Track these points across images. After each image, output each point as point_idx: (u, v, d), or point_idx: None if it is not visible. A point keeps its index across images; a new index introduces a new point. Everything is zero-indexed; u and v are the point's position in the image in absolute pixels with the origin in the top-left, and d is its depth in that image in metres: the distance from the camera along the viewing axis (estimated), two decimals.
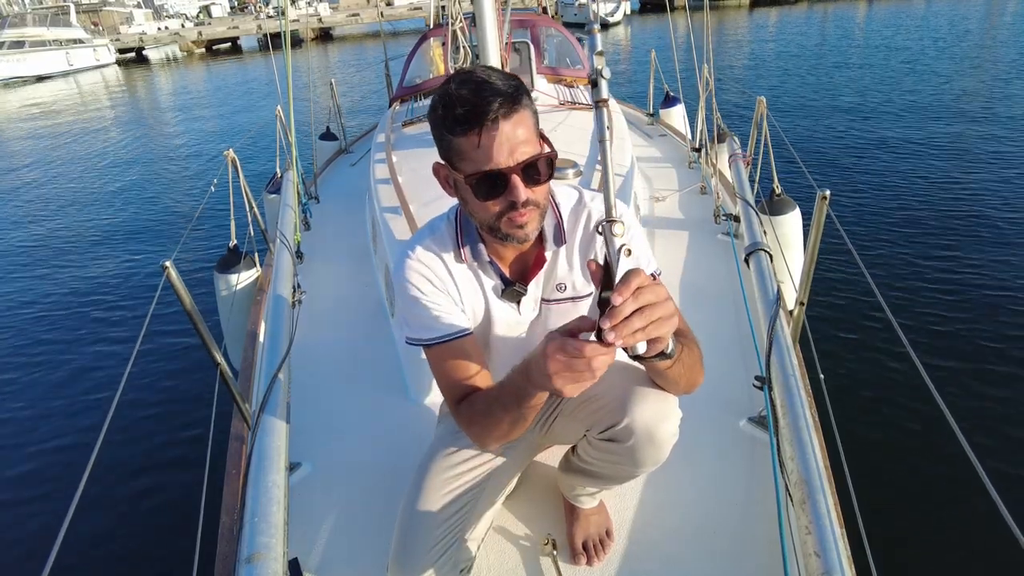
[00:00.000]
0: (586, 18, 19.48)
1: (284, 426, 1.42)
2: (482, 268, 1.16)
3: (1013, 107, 7.96)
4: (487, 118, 0.94)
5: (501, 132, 0.95)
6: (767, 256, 2.09)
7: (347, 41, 31.20)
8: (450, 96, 0.96)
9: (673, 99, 4.87)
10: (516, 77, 1.01)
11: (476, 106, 0.94)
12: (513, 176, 0.98)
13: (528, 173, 0.99)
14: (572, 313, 1.20)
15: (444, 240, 1.16)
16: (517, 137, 0.96)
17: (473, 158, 0.97)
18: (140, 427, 3.36)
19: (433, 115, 1.00)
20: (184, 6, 50.81)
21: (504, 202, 1.00)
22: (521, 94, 0.98)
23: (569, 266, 1.18)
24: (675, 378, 1.03)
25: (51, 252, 6.31)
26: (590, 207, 1.17)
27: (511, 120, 0.95)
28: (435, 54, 4.37)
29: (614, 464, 1.17)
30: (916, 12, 20.01)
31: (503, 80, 0.97)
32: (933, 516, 2.38)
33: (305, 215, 3.36)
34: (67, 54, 27.86)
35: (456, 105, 0.95)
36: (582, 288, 1.19)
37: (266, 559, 1.06)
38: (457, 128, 0.96)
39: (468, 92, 0.95)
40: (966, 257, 4.26)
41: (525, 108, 0.98)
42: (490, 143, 0.95)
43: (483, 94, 0.94)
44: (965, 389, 3.00)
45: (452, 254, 1.15)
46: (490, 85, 0.95)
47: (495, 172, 0.97)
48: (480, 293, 1.18)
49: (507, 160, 0.96)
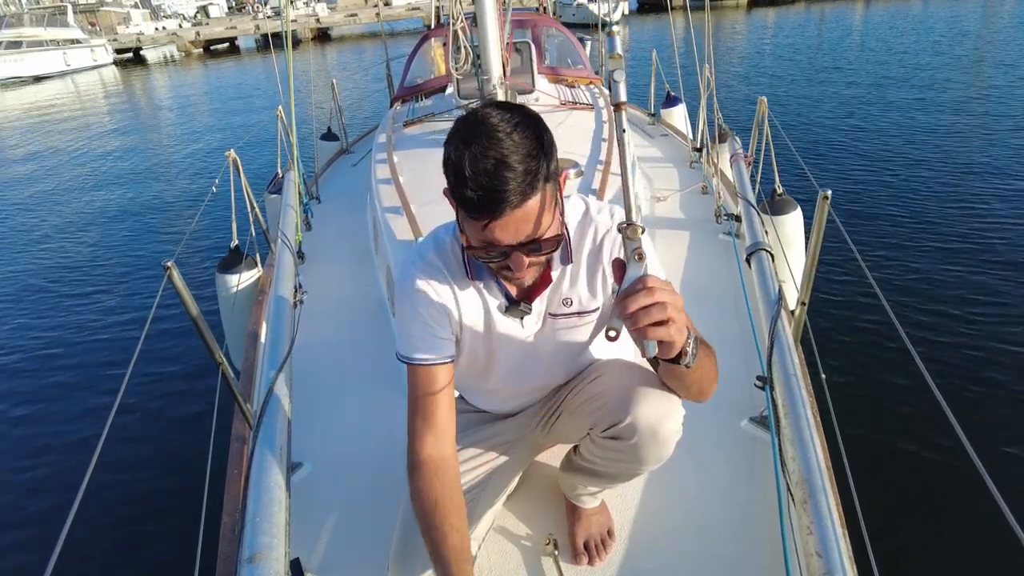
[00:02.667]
0: (585, 18, 19.48)
1: (285, 426, 1.42)
2: (487, 288, 1.15)
3: (1012, 107, 7.95)
4: (498, 214, 0.89)
5: (510, 223, 0.91)
6: (768, 256, 2.09)
7: (345, 41, 31.18)
8: (464, 172, 0.88)
9: (674, 99, 4.87)
10: (540, 136, 0.92)
11: (490, 193, 0.88)
12: (515, 253, 0.95)
13: (532, 248, 0.96)
14: (578, 327, 1.20)
15: (449, 258, 1.14)
16: (526, 220, 0.92)
17: (477, 236, 0.95)
18: (142, 427, 3.36)
19: (446, 168, 0.94)
20: (182, 6, 50.81)
21: (504, 264, 0.99)
22: (538, 177, 0.90)
23: (575, 282, 1.16)
24: (689, 384, 1.04)
25: (52, 252, 6.32)
26: (596, 221, 1.14)
27: (523, 208, 0.90)
28: (436, 54, 4.37)
29: (617, 462, 1.17)
30: (913, 13, 19.99)
31: (523, 159, 0.89)
32: (935, 516, 2.38)
33: (306, 215, 3.36)
34: (64, 54, 27.85)
35: (468, 186, 0.89)
36: (588, 303, 1.17)
37: (267, 559, 1.06)
38: (463, 207, 0.92)
39: (484, 175, 0.87)
40: (967, 256, 4.25)
41: (541, 190, 0.92)
42: (496, 231, 0.92)
43: (498, 183, 0.87)
44: (967, 389, 3.00)
45: (457, 271, 1.14)
46: (507, 166, 0.87)
47: (496, 248, 0.95)
48: (483, 309, 1.16)
49: (511, 239, 0.93)
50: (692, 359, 0.94)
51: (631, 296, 0.83)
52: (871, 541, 1.13)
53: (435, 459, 1.11)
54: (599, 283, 1.16)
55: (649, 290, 0.83)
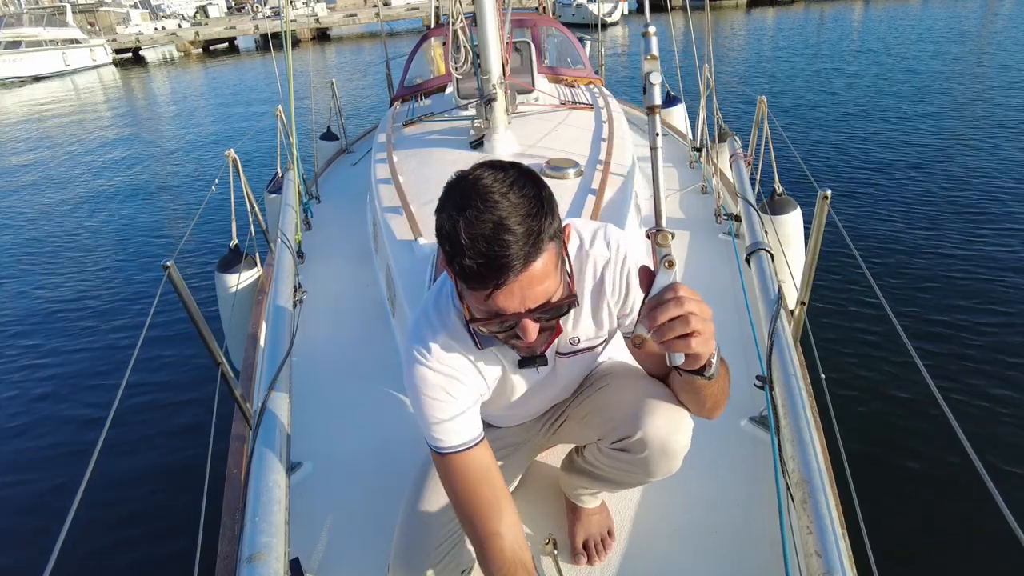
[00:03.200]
0: (584, 18, 19.49)
1: (285, 426, 1.42)
2: (500, 351, 1.09)
3: (1011, 106, 7.95)
4: (502, 278, 0.82)
5: (515, 290, 0.83)
6: (768, 256, 2.09)
7: (344, 41, 31.18)
8: (460, 239, 0.81)
9: (674, 99, 4.87)
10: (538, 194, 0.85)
11: (490, 260, 0.80)
12: (524, 320, 0.88)
13: (541, 313, 0.88)
14: (586, 359, 1.19)
15: (458, 333, 1.05)
16: (533, 284, 0.84)
17: (479, 307, 0.87)
18: (141, 427, 3.36)
19: (440, 235, 0.86)
20: (181, 6, 50.72)
21: (512, 334, 0.92)
22: (541, 237, 0.83)
23: (579, 321, 1.12)
24: (705, 398, 1.02)
25: (52, 253, 6.31)
26: (593, 255, 1.07)
27: (527, 272, 0.83)
28: (436, 54, 4.37)
29: (625, 472, 1.17)
30: (912, 13, 20.00)
31: (523, 220, 0.81)
32: (935, 515, 2.38)
33: (306, 215, 3.36)
34: (63, 54, 27.81)
35: (466, 255, 0.81)
36: (596, 337, 1.15)
37: (267, 559, 1.06)
38: (466, 280, 0.84)
39: (482, 242, 0.80)
40: (968, 255, 4.26)
41: (544, 247, 0.84)
42: (500, 299, 0.84)
43: (498, 248, 0.80)
44: (967, 388, 3.00)
45: (466, 343, 1.06)
46: (506, 228, 0.80)
47: (503, 318, 0.87)
48: (499, 366, 1.12)
49: (518, 307, 0.86)
50: (715, 371, 0.92)
51: (660, 307, 0.80)
52: (870, 541, 1.13)
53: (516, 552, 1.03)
54: (604, 316, 1.12)
55: (678, 300, 0.80)
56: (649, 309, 0.82)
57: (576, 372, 1.23)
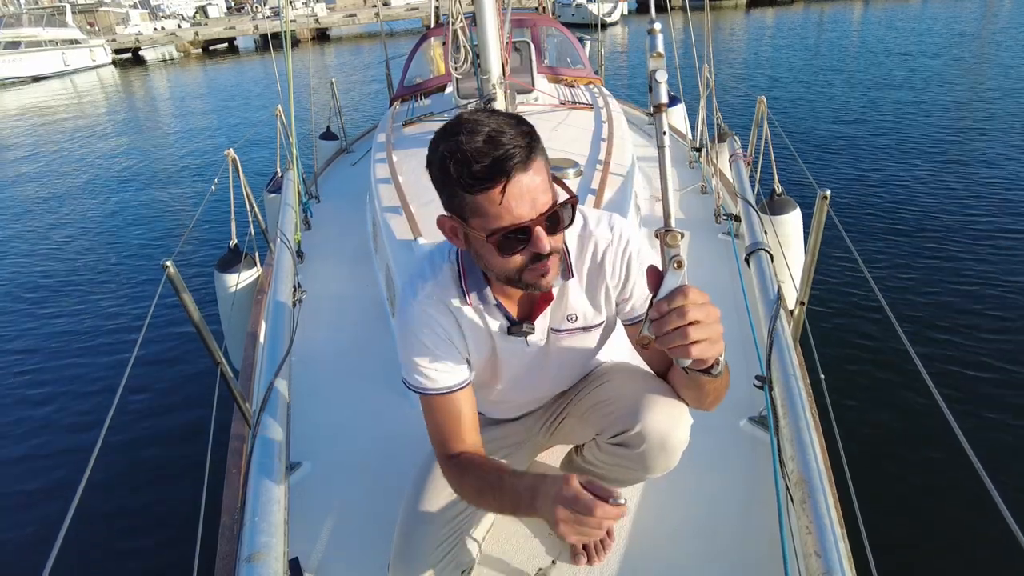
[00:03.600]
0: (584, 18, 19.49)
1: (284, 425, 1.42)
2: (488, 311, 1.11)
3: (1009, 106, 7.95)
4: (510, 172, 0.87)
5: (522, 184, 0.89)
6: (768, 256, 2.09)
7: (344, 42, 31.18)
8: (462, 152, 0.87)
9: (674, 99, 4.86)
10: (522, 119, 0.93)
11: (496, 160, 0.86)
12: (537, 228, 0.92)
13: (551, 222, 0.94)
14: (582, 342, 1.19)
15: (448, 284, 1.10)
16: (537, 187, 0.90)
17: (493, 214, 0.90)
18: (140, 426, 3.36)
19: (441, 172, 0.91)
20: (180, 6, 50.67)
21: (527, 254, 0.95)
22: (536, 140, 0.92)
23: (578, 297, 1.13)
24: (707, 392, 1.03)
25: (51, 253, 6.31)
26: (596, 235, 1.10)
27: (530, 170, 0.89)
28: (435, 54, 4.37)
29: (623, 468, 1.17)
30: (912, 13, 20.02)
31: (514, 127, 0.90)
32: (934, 515, 2.38)
33: (306, 214, 3.36)
34: (63, 54, 27.80)
35: (472, 161, 0.87)
36: (593, 318, 1.16)
37: (266, 558, 1.06)
38: (476, 186, 0.88)
39: (484, 145, 0.87)
40: (967, 256, 4.26)
41: (540, 154, 0.92)
42: (512, 198, 0.89)
43: (500, 146, 0.87)
44: (966, 388, 3.00)
45: (457, 298, 1.10)
46: (504, 135, 0.88)
47: (518, 227, 0.91)
48: (487, 332, 1.13)
49: (529, 212, 0.90)
50: (721, 369, 0.92)
51: (666, 316, 0.80)
52: (869, 540, 1.14)
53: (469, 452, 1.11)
54: (602, 299, 1.14)
55: (682, 311, 0.80)
56: (657, 314, 0.81)
57: (571, 357, 1.22)
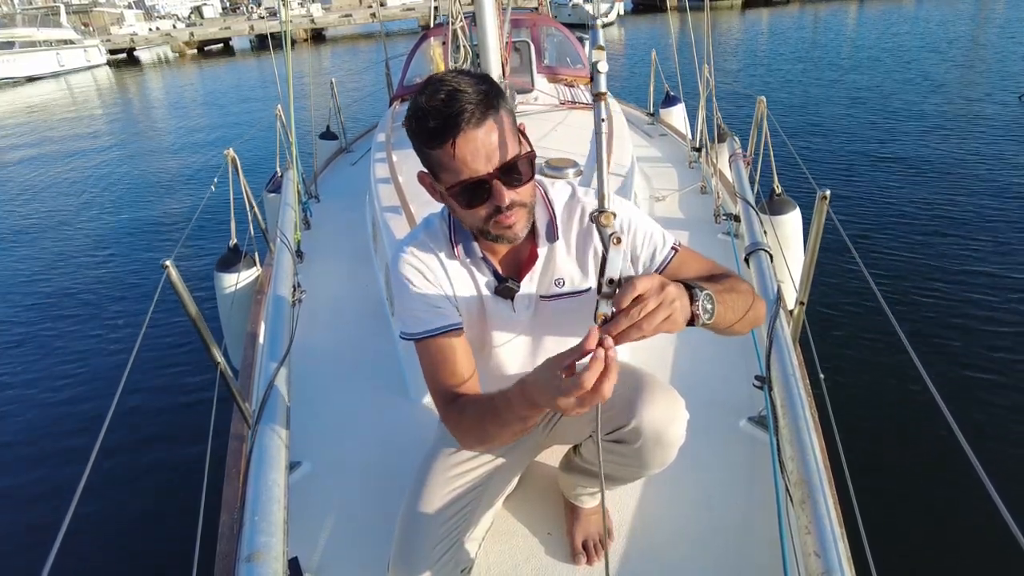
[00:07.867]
0: (581, 18, 19.49)
1: (284, 425, 1.42)
2: (475, 265, 1.16)
3: (1008, 106, 7.96)
4: (460, 128, 0.92)
5: (475, 139, 0.94)
6: (767, 256, 2.09)
7: (340, 42, 31.15)
8: (421, 109, 0.94)
9: (673, 99, 4.87)
10: (488, 79, 0.99)
11: (448, 117, 0.92)
12: (494, 182, 0.97)
13: (509, 175, 0.98)
14: (572, 310, 1.19)
15: (438, 236, 1.16)
16: (492, 142, 0.95)
17: (451, 168, 0.96)
18: (140, 426, 3.35)
19: (408, 128, 0.99)
20: (175, 7, 50.60)
21: (489, 207, 0.99)
22: (493, 97, 0.96)
23: (565, 261, 1.17)
24: (723, 330, 1.02)
25: (50, 253, 6.31)
26: (584, 202, 1.16)
27: (484, 126, 0.94)
28: (435, 53, 4.36)
29: (620, 465, 1.17)
30: (906, 13, 20.02)
31: (473, 85, 0.95)
32: (933, 515, 2.39)
33: (305, 214, 3.35)
34: (57, 55, 27.77)
35: (428, 118, 0.94)
36: (580, 282, 1.18)
37: (266, 558, 1.06)
38: (432, 140, 0.95)
39: (439, 103, 0.93)
40: (966, 256, 4.26)
41: (498, 111, 0.96)
42: (465, 152, 0.94)
43: (454, 103, 0.92)
44: (965, 388, 3.00)
45: (446, 251, 1.15)
46: (460, 93, 0.93)
47: (475, 180, 0.96)
48: (475, 289, 1.17)
49: (485, 166, 0.95)
50: (710, 316, 0.92)
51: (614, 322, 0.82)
52: (869, 541, 1.13)
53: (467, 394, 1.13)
54: (589, 263, 1.17)
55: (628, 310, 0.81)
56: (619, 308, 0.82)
57: (562, 330, 1.23)
